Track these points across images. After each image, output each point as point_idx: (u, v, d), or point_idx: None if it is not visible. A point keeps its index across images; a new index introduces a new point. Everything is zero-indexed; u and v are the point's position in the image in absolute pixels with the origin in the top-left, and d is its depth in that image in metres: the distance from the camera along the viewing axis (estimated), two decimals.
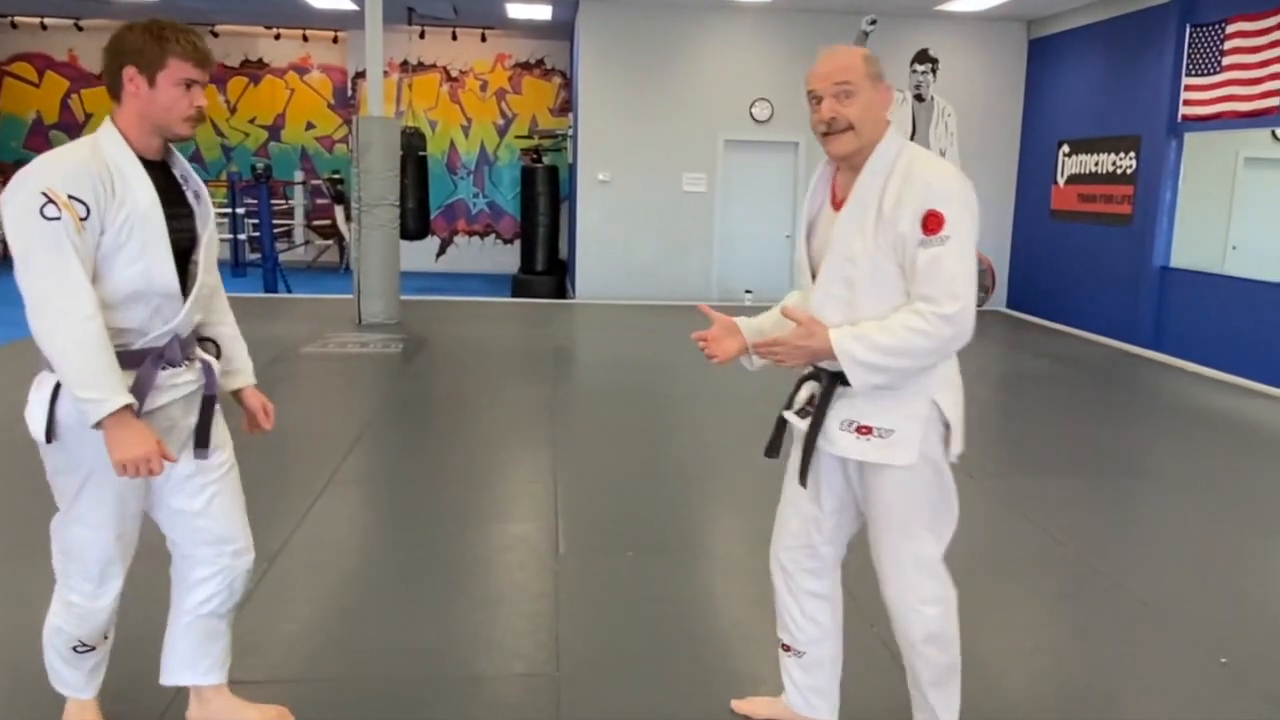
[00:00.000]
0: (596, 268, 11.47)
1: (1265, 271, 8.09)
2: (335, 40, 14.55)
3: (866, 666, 2.56)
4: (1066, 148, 10.45)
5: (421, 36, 14.12)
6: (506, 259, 14.70)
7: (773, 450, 2.43)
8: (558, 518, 4.20)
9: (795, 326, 2.20)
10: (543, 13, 12.18)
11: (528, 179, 13.02)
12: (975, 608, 2.32)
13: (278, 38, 14.30)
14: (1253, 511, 4.69)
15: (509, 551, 3.86)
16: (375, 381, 6.92)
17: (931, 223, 2.06)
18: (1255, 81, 7.83)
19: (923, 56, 11.29)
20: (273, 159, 14.50)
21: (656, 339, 9.13)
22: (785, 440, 2.42)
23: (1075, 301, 9.99)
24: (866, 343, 2.09)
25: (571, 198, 12.07)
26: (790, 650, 2.52)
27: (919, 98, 11.40)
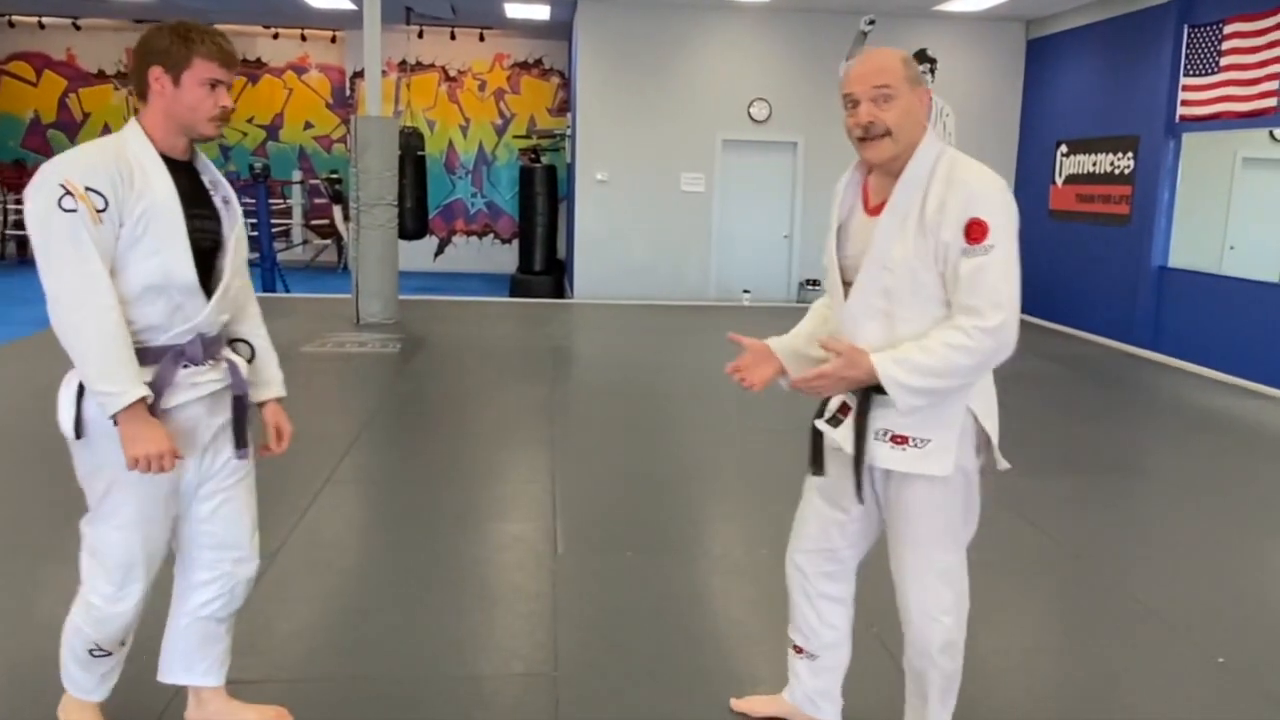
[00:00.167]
0: (594, 267, 11.48)
1: (1263, 272, 8.11)
2: (333, 40, 14.54)
3: (866, 666, 2.56)
4: (1065, 148, 10.46)
5: (420, 36, 14.12)
6: (504, 259, 14.70)
7: (817, 465, 2.34)
8: (556, 517, 4.20)
9: (835, 357, 2.12)
10: (541, 12, 12.18)
11: (526, 179, 13.02)
12: (973, 607, 2.32)
13: (276, 37, 14.29)
14: (1251, 511, 4.69)
15: (507, 551, 3.86)
16: (373, 381, 6.91)
17: (975, 231, 2.00)
18: (1253, 82, 7.84)
19: (921, 56, 11.29)
20: (271, 158, 14.48)
21: (654, 339, 9.13)
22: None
23: (1073, 301, 10.00)
24: (909, 365, 2.03)
25: (570, 197, 12.07)
26: (803, 653, 2.50)
27: None
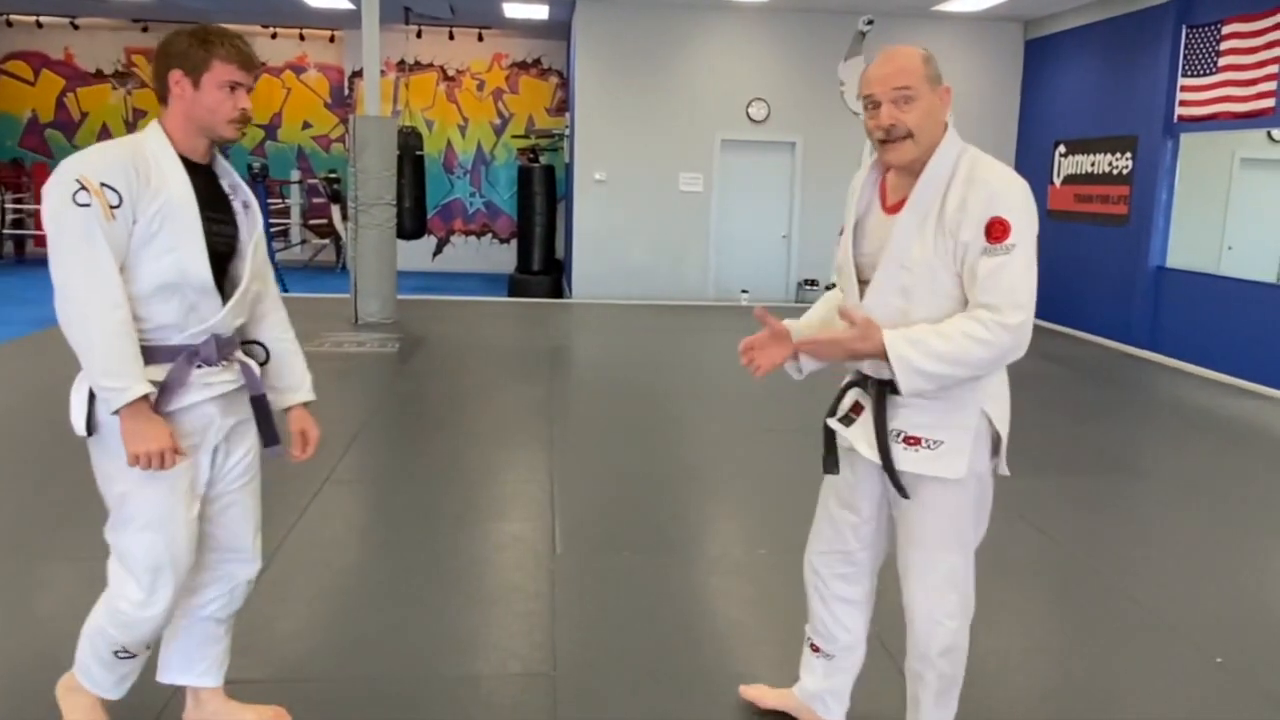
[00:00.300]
0: (593, 267, 11.47)
1: (1260, 272, 8.12)
2: (332, 39, 14.53)
3: (867, 667, 2.56)
4: (1063, 148, 10.47)
5: (418, 36, 14.11)
6: (503, 258, 14.69)
7: (831, 465, 2.33)
8: (554, 517, 4.19)
9: (849, 326, 2.08)
10: (539, 12, 12.18)
11: (524, 178, 13.02)
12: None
13: (274, 37, 14.27)
14: (1248, 512, 4.70)
15: (505, 551, 3.86)
16: (371, 381, 6.91)
17: (996, 230, 1.98)
18: (1251, 82, 7.85)
19: None
20: (269, 158, 14.47)
21: (653, 339, 9.14)
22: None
23: (1071, 302, 10.01)
24: (922, 348, 1.99)
25: (568, 197, 12.06)
26: (819, 652, 2.50)
27: None
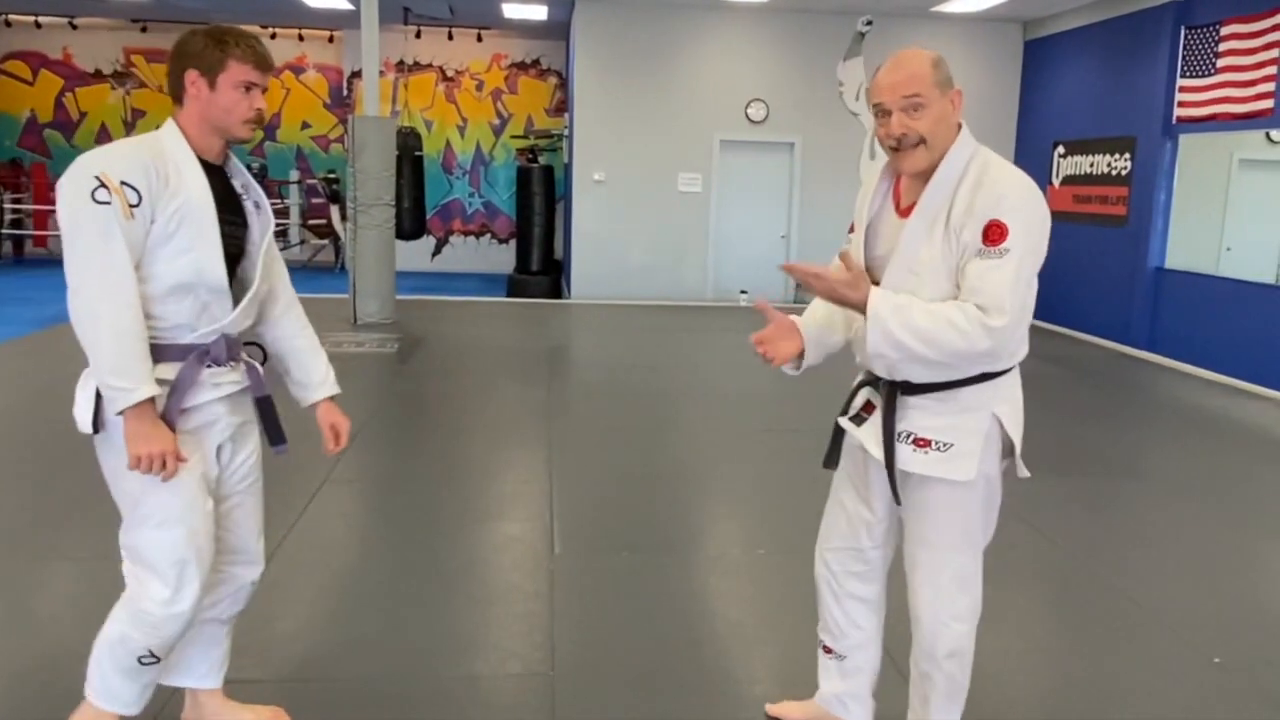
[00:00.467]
0: (592, 268, 11.47)
1: (1259, 273, 8.12)
2: (331, 40, 14.53)
3: None
4: (1062, 149, 10.47)
5: (418, 36, 14.11)
6: (502, 259, 14.69)
7: (831, 460, 2.35)
8: (553, 517, 4.19)
9: (845, 271, 2.08)
10: (538, 13, 12.18)
11: (523, 179, 13.02)
12: None
13: (274, 37, 14.26)
14: (1247, 512, 4.70)
15: (504, 551, 3.86)
16: (371, 381, 6.91)
17: (994, 233, 1.98)
18: (1249, 84, 7.85)
19: None
20: (268, 158, 14.48)
21: (652, 339, 9.13)
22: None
23: (1070, 303, 10.01)
24: (902, 317, 2.00)
25: (567, 198, 12.06)
26: (832, 653, 2.49)
27: None
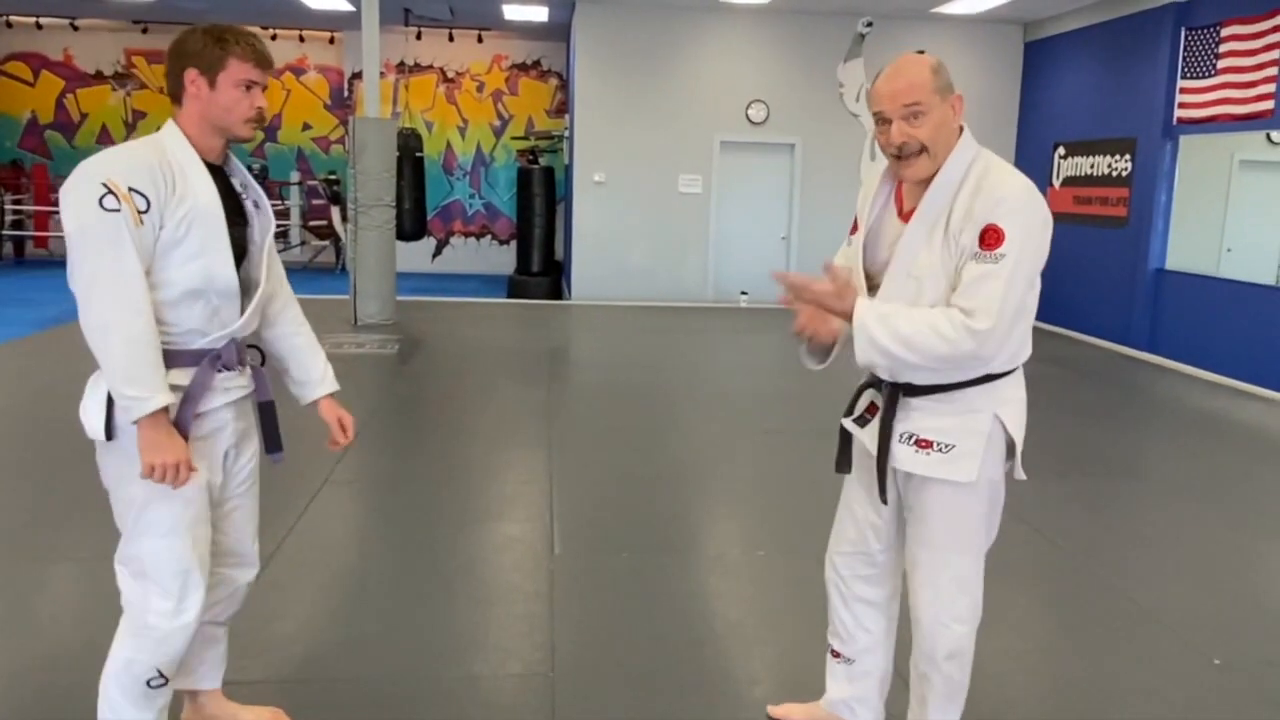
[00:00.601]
0: (592, 269, 11.48)
1: (1260, 274, 8.11)
2: (332, 41, 14.54)
3: None
4: (1062, 150, 10.47)
5: (418, 38, 14.12)
6: (502, 260, 14.70)
7: (844, 465, 2.34)
8: (553, 518, 4.19)
9: (831, 283, 2.10)
10: (539, 14, 12.18)
11: (524, 180, 13.02)
12: None
13: (274, 38, 14.26)
14: (1247, 513, 4.70)
15: (504, 552, 3.86)
16: (371, 382, 6.91)
17: (990, 238, 1.98)
18: (1250, 84, 7.86)
19: None
20: (269, 159, 14.48)
21: (652, 340, 9.14)
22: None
23: (1070, 304, 10.01)
24: (886, 325, 2.01)
25: (567, 199, 12.07)
26: (840, 657, 2.48)
27: None
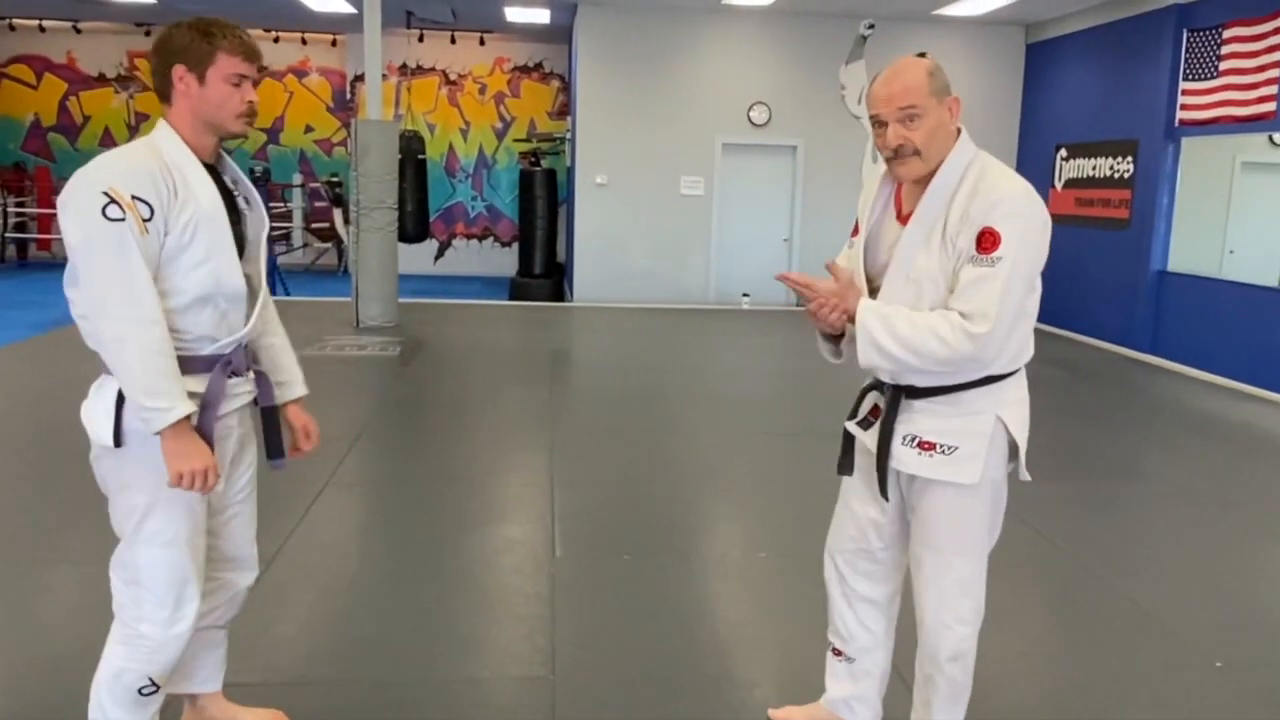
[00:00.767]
0: (594, 271, 11.48)
1: (1262, 276, 8.10)
2: (334, 43, 14.56)
3: None
4: (1064, 152, 10.47)
5: (420, 40, 14.14)
6: (504, 262, 14.71)
7: (846, 467, 2.34)
8: (554, 521, 4.19)
9: (834, 282, 2.13)
10: (541, 16, 12.19)
11: (526, 182, 13.03)
12: None
13: (276, 41, 14.30)
14: (1249, 515, 4.69)
15: (505, 554, 3.86)
16: (373, 384, 6.91)
17: (987, 241, 1.98)
18: (1252, 86, 7.85)
19: None
20: (271, 162, 14.49)
21: (653, 342, 9.14)
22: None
23: (1072, 306, 10.00)
24: (887, 326, 2.04)
25: (569, 201, 12.07)
26: (841, 655, 2.47)
27: None
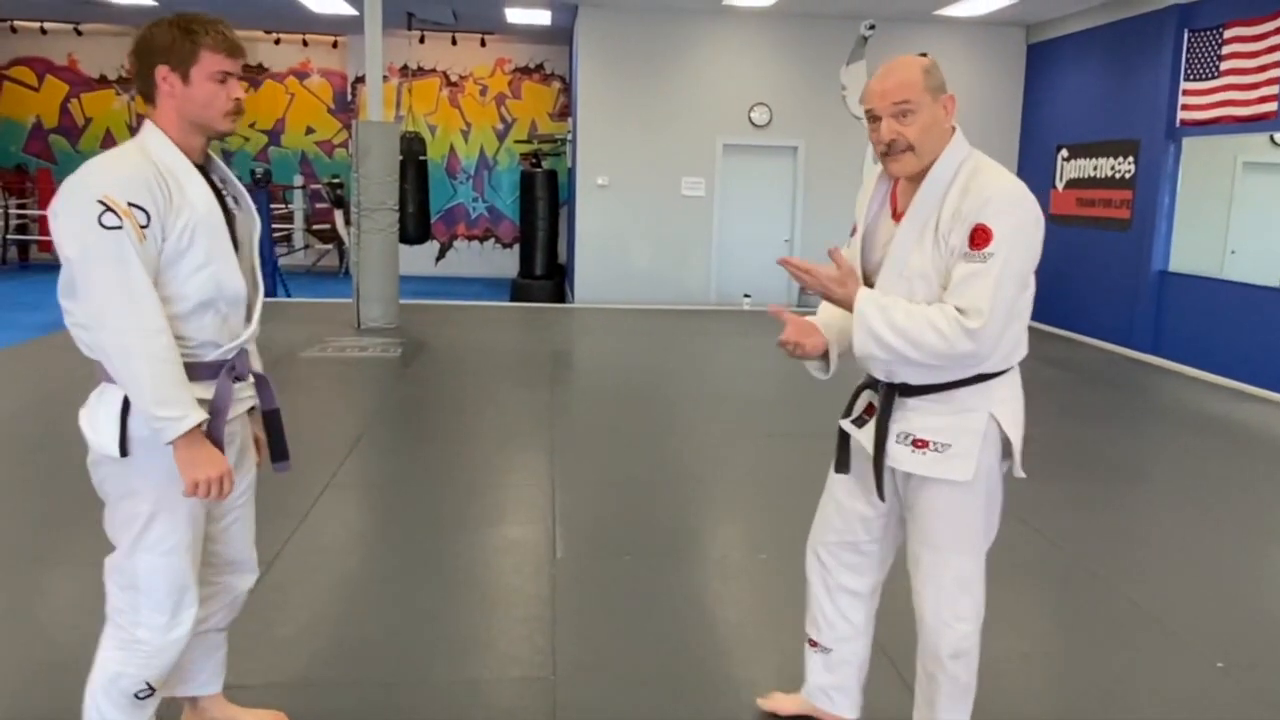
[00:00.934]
0: (595, 272, 11.48)
1: (1264, 276, 8.09)
2: (335, 45, 14.57)
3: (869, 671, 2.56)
4: (1065, 152, 10.46)
5: (421, 41, 14.15)
6: (505, 263, 14.72)
7: (844, 465, 2.34)
8: (555, 521, 4.19)
9: (836, 269, 2.13)
10: (542, 18, 12.20)
11: (527, 183, 13.03)
12: None
13: (278, 42, 14.32)
14: (1250, 516, 4.69)
15: (506, 555, 3.86)
16: (374, 386, 6.92)
17: (979, 237, 1.99)
18: (1253, 86, 7.84)
19: None
20: (272, 163, 14.50)
21: (655, 343, 9.14)
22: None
23: (1074, 306, 10.00)
24: (885, 316, 2.04)
25: (570, 202, 12.08)
26: (816, 646, 2.49)
27: None
